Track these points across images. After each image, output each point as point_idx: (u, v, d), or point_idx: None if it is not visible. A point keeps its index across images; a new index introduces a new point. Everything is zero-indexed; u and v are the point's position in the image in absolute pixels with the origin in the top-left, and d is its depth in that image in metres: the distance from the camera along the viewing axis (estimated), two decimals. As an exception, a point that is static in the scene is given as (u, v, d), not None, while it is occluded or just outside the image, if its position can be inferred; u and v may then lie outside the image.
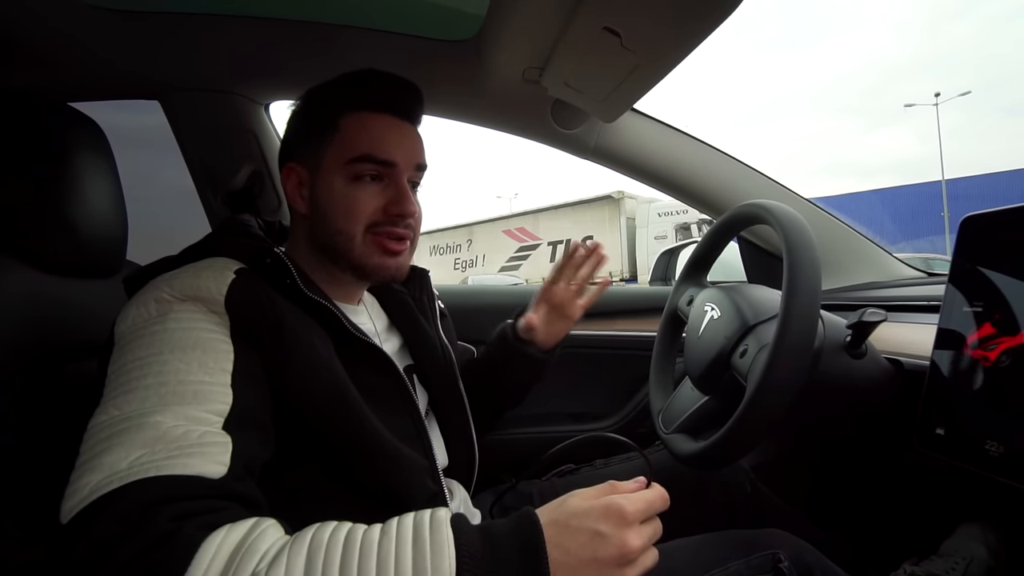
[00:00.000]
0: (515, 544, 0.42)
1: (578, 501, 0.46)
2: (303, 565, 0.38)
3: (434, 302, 0.83)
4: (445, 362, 0.78)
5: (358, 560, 0.39)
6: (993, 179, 17.76)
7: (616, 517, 0.44)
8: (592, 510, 0.44)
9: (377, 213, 0.65)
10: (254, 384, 0.52)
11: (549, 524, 0.44)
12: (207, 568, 0.37)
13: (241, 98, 1.10)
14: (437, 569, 0.39)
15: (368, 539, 0.41)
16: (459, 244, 17.62)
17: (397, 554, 0.40)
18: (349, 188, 0.64)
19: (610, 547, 0.43)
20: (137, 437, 0.43)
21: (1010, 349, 0.57)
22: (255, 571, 0.38)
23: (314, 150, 0.66)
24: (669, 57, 0.78)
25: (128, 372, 0.48)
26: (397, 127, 0.67)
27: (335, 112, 0.66)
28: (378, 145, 0.64)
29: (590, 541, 0.43)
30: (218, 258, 0.59)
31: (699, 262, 0.93)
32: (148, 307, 0.52)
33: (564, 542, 0.43)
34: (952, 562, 0.71)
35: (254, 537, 0.40)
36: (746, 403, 0.61)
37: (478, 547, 0.41)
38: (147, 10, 0.88)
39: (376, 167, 0.65)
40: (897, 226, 19.38)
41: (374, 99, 0.66)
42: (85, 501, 0.40)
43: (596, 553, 0.43)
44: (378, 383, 0.64)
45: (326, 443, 0.57)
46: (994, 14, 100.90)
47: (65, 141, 0.66)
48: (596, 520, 0.44)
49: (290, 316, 0.57)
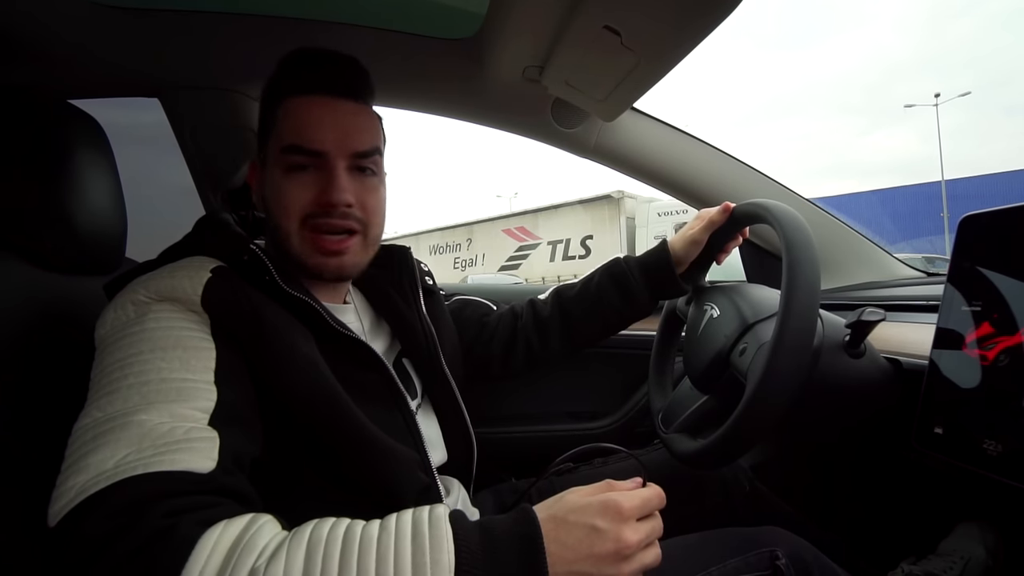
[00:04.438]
0: (513, 538, 0.42)
1: (575, 497, 0.46)
2: (302, 561, 0.38)
3: (415, 280, 0.80)
4: (427, 343, 0.76)
5: (357, 555, 0.39)
6: (993, 179, 17.76)
7: (613, 512, 0.44)
8: (589, 506, 0.45)
9: (310, 205, 0.61)
10: (238, 381, 0.52)
11: (547, 519, 0.44)
12: (204, 564, 0.37)
13: (241, 96, 1.10)
14: (436, 563, 0.39)
15: (367, 535, 0.41)
16: (458, 243, 17.61)
17: (396, 549, 0.40)
18: (282, 180, 0.61)
19: (607, 542, 0.43)
20: (123, 436, 0.43)
21: (1008, 348, 0.57)
22: (254, 567, 0.37)
23: (263, 144, 0.65)
24: (669, 56, 0.78)
25: (110, 374, 0.48)
26: (329, 107, 0.62)
27: (275, 101, 0.64)
28: (306, 132, 0.60)
29: (587, 536, 0.43)
30: (195, 257, 0.58)
31: (698, 262, 0.93)
32: (126, 309, 0.52)
33: (561, 536, 0.43)
34: (950, 561, 0.71)
35: (252, 533, 0.40)
36: (745, 402, 0.61)
37: (476, 542, 0.41)
38: (148, 7, 0.88)
39: (306, 157, 0.61)
40: (896, 226, 19.38)
41: (307, 81, 0.62)
42: (73, 502, 0.39)
43: (593, 548, 0.43)
44: (363, 377, 0.64)
45: (314, 438, 0.57)
46: (996, 12, 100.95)
47: (65, 138, 0.66)
48: (593, 515, 0.44)
49: (270, 313, 0.56)
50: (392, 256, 0.79)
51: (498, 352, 0.90)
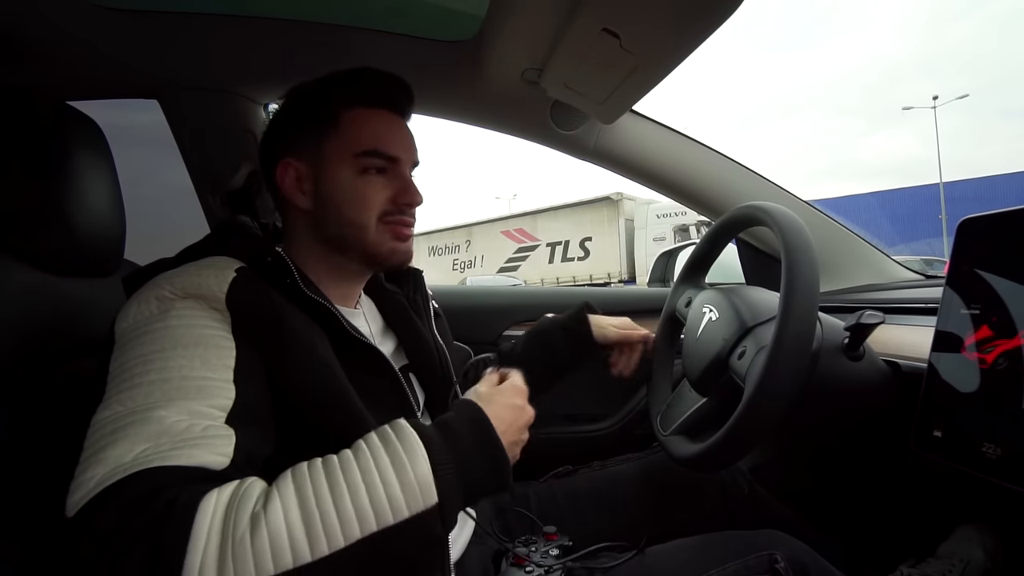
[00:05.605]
0: (466, 423, 0.52)
1: (488, 387, 0.60)
2: (294, 493, 0.43)
3: (428, 302, 0.83)
4: (440, 362, 0.78)
5: (342, 473, 0.44)
6: (991, 182, 17.82)
7: (521, 393, 0.61)
8: (506, 389, 0.60)
9: (386, 203, 0.67)
10: (256, 380, 0.52)
11: (486, 406, 0.54)
12: (209, 524, 0.39)
13: (240, 97, 1.10)
14: (413, 460, 0.45)
15: (344, 457, 0.47)
16: (458, 245, 17.63)
17: (375, 458, 0.46)
18: (358, 181, 0.66)
19: (525, 415, 0.59)
20: (142, 431, 0.44)
21: (1007, 351, 0.57)
22: (253, 512, 0.41)
23: (313, 145, 0.66)
24: (668, 59, 0.78)
25: (131, 369, 0.48)
26: (397, 123, 0.70)
27: (335, 107, 0.66)
28: (383, 140, 0.67)
29: (511, 412, 0.57)
30: (219, 257, 0.59)
31: (697, 264, 0.93)
32: (149, 305, 0.53)
33: (498, 414, 0.54)
34: (949, 564, 0.71)
35: (244, 488, 0.43)
36: (744, 405, 0.61)
37: (440, 435, 0.49)
38: (147, 9, 0.88)
39: (383, 161, 0.67)
40: (895, 228, 19.44)
41: (372, 95, 0.68)
42: (91, 493, 0.40)
43: (518, 420, 0.58)
44: (375, 384, 0.64)
45: (323, 439, 0.57)
46: (994, 16, 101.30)
47: (63, 140, 0.65)
48: (511, 396, 0.59)
49: (289, 315, 0.57)
50: (407, 275, 0.83)
51: None
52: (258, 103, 1.13)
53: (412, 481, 0.44)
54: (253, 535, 0.39)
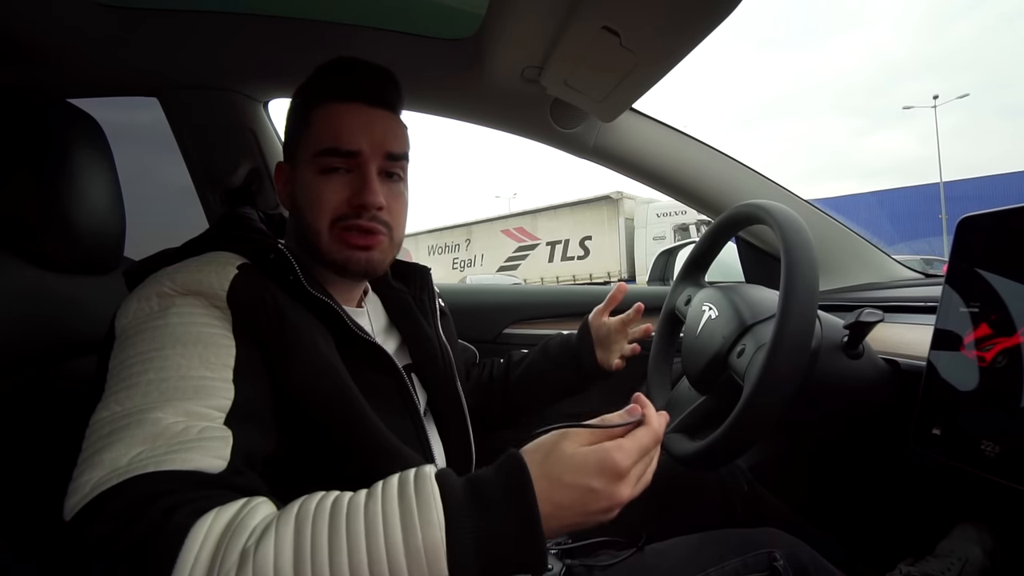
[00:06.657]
0: (505, 494, 0.41)
1: (571, 451, 0.44)
2: (292, 536, 0.38)
3: (435, 301, 0.83)
4: (443, 362, 0.78)
5: (346, 523, 0.39)
6: (991, 181, 17.80)
7: (610, 473, 0.43)
8: (587, 465, 0.43)
9: (342, 206, 0.63)
10: (256, 379, 0.52)
11: (540, 478, 0.42)
12: (197, 553, 0.37)
13: (240, 96, 1.10)
14: (426, 523, 0.39)
15: (355, 502, 0.41)
16: (457, 244, 17.61)
17: (384, 512, 0.39)
18: (316, 181, 0.63)
19: (601, 501, 0.43)
20: (138, 433, 0.43)
21: (1006, 349, 0.57)
22: (244, 548, 0.37)
23: (294, 147, 0.67)
24: (668, 57, 0.78)
25: (130, 367, 0.48)
26: (364, 114, 0.65)
27: (307, 106, 0.66)
28: (342, 136, 0.63)
29: (582, 497, 0.43)
30: (220, 252, 0.58)
31: (697, 262, 0.93)
32: (150, 301, 0.52)
33: (555, 497, 0.42)
34: (948, 563, 0.71)
35: (244, 515, 0.40)
36: (743, 403, 0.61)
37: (464, 496, 0.41)
38: (148, 7, 0.88)
39: (341, 159, 0.63)
40: (895, 227, 19.43)
41: (341, 88, 0.65)
42: (87, 498, 0.40)
43: (587, 507, 0.43)
44: (379, 382, 0.64)
45: (327, 438, 0.57)
46: (994, 16, 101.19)
47: (63, 138, 0.66)
48: (590, 476, 0.43)
49: (292, 313, 0.56)
50: (414, 274, 0.82)
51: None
52: (258, 101, 1.13)
53: (419, 547, 0.38)
54: (239, 574, 0.37)
